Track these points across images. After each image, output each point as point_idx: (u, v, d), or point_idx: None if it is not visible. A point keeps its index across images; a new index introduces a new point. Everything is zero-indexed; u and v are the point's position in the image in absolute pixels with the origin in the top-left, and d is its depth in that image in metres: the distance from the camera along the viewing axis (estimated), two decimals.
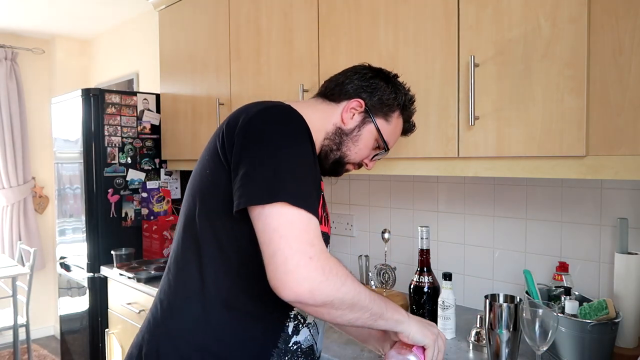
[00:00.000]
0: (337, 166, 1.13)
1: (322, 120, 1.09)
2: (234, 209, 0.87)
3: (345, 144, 1.10)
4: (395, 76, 1.17)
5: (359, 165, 1.17)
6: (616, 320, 1.16)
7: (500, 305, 1.19)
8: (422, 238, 1.52)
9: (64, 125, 2.79)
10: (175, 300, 1.00)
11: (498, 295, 1.26)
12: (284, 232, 0.81)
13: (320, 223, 0.97)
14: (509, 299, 1.24)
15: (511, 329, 1.18)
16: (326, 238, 1.03)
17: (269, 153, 0.87)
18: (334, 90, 1.12)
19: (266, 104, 0.95)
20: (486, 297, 1.23)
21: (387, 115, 1.12)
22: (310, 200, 0.86)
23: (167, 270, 1.05)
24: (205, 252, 0.95)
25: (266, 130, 0.89)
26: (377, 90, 1.11)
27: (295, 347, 1.01)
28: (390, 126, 1.14)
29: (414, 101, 1.20)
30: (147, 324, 1.05)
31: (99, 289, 2.53)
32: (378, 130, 1.11)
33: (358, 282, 0.90)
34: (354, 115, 1.10)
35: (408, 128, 1.21)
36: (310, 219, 0.85)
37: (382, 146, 1.14)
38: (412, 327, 0.95)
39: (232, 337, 0.94)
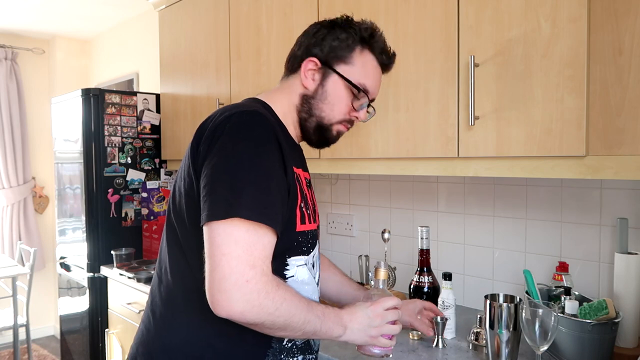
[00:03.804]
0: (321, 133, 1.07)
1: (289, 97, 1.06)
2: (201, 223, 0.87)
3: (315, 106, 1.04)
4: (347, 19, 1.07)
5: (349, 122, 1.09)
6: (616, 320, 1.16)
7: (500, 305, 1.19)
8: (422, 238, 1.52)
9: (64, 125, 2.79)
10: (168, 313, 0.99)
11: (498, 295, 1.26)
12: (227, 250, 0.82)
13: (303, 222, 0.98)
14: (509, 299, 1.24)
15: (511, 329, 1.18)
16: (312, 235, 1.03)
17: (228, 166, 0.86)
18: (289, 62, 1.09)
19: (231, 111, 0.93)
20: (486, 297, 1.23)
21: (346, 58, 1.03)
22: (269, 211, 0.86)
23: (157, 279, 1.05)
24: (191, 262, 0.94)
25: (227, 141, 0.88)
26: (325, 38, 1.03)
27: (290, 344, 1.00)
28: (356, 67, 1.03)
29: (376, 30, 1.06)
30: (140, 335, 1.04)
31: (99, 289, 2.54)
32: (343, 77, 1.02)
33: (297, 303, 0.88)
34: (313, 75, 1.04)
35: (384, 61, 1.08)
36: (262, 236, 0.85)
37: (358, 92, 1.04)
38: (352, 336, 0.98)
39: (226, 343, 0.93)
